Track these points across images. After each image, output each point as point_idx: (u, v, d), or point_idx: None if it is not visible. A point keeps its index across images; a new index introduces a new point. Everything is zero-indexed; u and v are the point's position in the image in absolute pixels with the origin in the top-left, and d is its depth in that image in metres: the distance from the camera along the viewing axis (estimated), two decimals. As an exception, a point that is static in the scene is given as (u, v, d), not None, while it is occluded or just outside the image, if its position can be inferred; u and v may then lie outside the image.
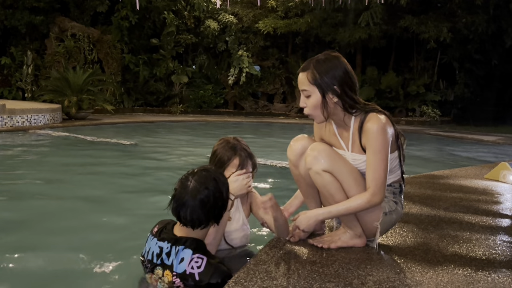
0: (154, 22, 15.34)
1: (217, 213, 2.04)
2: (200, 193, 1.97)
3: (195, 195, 1.96)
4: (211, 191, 1.98)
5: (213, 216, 2.02)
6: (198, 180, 2.00)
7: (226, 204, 2.09)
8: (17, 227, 3.15)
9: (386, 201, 2.24)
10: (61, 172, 5.40)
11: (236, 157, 2.43)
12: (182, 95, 15.48)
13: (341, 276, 1.88)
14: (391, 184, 2.28)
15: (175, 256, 1.99)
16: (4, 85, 13.58)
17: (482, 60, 14.89)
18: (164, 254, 2.03)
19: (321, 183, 2.17)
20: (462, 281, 1.91)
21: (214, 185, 2.00)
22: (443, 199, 3.55)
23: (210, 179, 2.01)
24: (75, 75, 11.46)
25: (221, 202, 2.04)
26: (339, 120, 2.24)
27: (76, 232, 3.07)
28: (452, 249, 2.32)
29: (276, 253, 2.14)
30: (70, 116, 11.10)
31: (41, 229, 3.14)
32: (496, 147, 10.04)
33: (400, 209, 2.31)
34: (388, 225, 2.29)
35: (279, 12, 15.22)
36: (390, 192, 2.28)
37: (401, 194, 2.33)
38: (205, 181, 2.00)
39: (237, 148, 2.45)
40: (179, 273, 1.96)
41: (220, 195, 2.02)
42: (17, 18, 13.25)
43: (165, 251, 2.03)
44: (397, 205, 2.29)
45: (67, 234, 3.02)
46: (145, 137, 9.03)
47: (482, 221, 2.93)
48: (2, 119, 8.87)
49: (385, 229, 2.30)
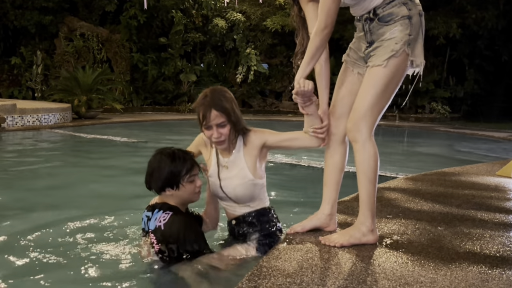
0: (162, 21, 15.38)
1: (166, 182, 2.39)
2: (151, 165, 2.43)
3: (149, 166, 2.44)
4: (156, 165, 2.40)
5: (166, 183, 2.40)
6: (153, 156, 2.45)
7: (176, 175, 2.39)
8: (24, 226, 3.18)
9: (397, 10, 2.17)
10: (72, 170, 5.44)
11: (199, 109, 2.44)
12: (191, 94, 15.50)
13: (354, 274, 1.88)
14: (390, 1, 2.18)
15: (154, 219, 2.41)
16: (14, 85, 13.70)
17: (492, 56, 14.76)
18: (148, 221, 2.45)
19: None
20: (476, 278, 1.90)
21: (160, 160, 2.40)
22: (455, 196, 3.53)
23: (162, 154, 2.42)
24: (84, 75, 11.53)
25: (167, 174, 2.38)
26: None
27: (87, 228, 3.09)
28: (465, 246, 2.30)
29: (289, 250, 2.14)
30: (80, 115, 11.18)
31: (51, 227, 3.16)
32: (507, 143, 9.95)
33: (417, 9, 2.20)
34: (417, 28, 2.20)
35: (287, 10, 15.17)
36: (399, 4, 2.18)
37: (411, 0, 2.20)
38: (156, 157, 2.44)
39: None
40: (152, 230, 2.39)
41: (158, 169, 2.39)
42: (26, 18, 13.36)
43: (149, 217, 2.46)
44: (413, 8, 2.19)
45: (77, 230, 3.04)
46: (154, 136, 9.07)
47: (495, 218, 2.90)
48: (13, 118, 8.95)
49: (417, 32, 2.20)
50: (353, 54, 2.43)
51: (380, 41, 2.22)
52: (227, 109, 2.40)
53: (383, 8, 2.20)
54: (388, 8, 2.18)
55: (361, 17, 2.32)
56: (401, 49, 2.17)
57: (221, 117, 2.39)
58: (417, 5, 2.22)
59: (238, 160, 2.50)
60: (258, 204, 2.57)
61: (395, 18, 2.17)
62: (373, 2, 2.23)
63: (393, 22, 2.18)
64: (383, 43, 2.21)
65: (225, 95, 2.44)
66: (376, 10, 2.22)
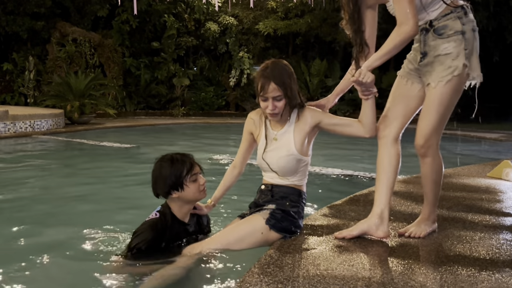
0: (155, 25, 15.39)
1: (171, 185, 2.49)
2: (154, 173, 2.55)
3: (152, 175, 2.57)
4: (158, 172, 2.52)
5: (171, 187, 2.49)
6: (154, 165, 2.57)
7: (178, 177, 2.48)
8: (18, 231, 3.17)
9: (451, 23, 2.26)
10: (64, 176, 5.43)
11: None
12: (184, 98, 15.51)
13: (345, 279, 1.90)
14: (451, 11, 2.27)
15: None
16: (7, 91, 13.64)
17: (483, 57, 14.85)
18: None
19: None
20: (466, 281, 1.92)
21: (161, 166, 2.52)
22: (446, 198, 3.55)
23: (162, 161, 2.53)
24: (77, 80, 11.51)
25: (169, 178, 2.48)
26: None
27: (78, 236, 3.08)
28: (455, 249, 2.33)
29: (280, 256, 2.16)
30: (72, 121, 11.15)
31: (43, 232, 3.16)
32: (499, 144, 10.03)
33: (470, 25, 2.28)
34: (472, 43, 2.28)
35: (279, 13, 15.25)
36: (454, 18, 2.27)
37: (466, 15, 2.29)
38: (157, 165, 2.55)
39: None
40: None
41: (160, 176, 2.51)
42: (18, 24, 13.32)
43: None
44: (467, 23, 2.27)
45: (70, 238, 3.03)
46: (147, 140, 9.06)
47: (485, 220, 2.93)
48: (5, 125, 8.91)
49: (472, 47, 2.29)
50: (409, 65, 2.52)
51: (435, 56, 2.32)
52: (286, 84, 2.44)
53: (438, 20, 2.30)
54: (443, 21, 2.29)
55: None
56: (460, 65, 2.26)
57: (278, 91, 2.43)
58: (471, 20, 2.31)
59: (287, 134, 2.55)
60: (296, 181, 2.58)
61: (448, 32, 2.27)
62: (430, 15, 2.32)
63: (446, 37, 2.28)
64: (439, 59, 2.30)
65: (286, 69, 2.49)
66: (432, 22, 2.32)
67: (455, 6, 2.29)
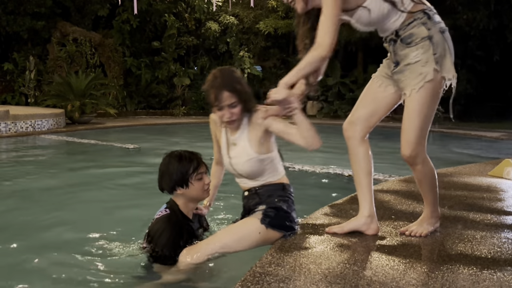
0: (155, 25, 15.39)
1: (176, 182, 2.53)
2: (161, 168, 2.58)
3: (160, 170, 2.59)
4: (165, 167, 2.55)
5: (176, 183, 2.53)
6: (163, 160, 2.60)
7: (184, 174, 2.52)
8: (19, 230, 3.18)
9: (417, 31, 2.23)
10: (65, 176, 5.43)
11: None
12: (184, 97, 15.52)
13: (346, 278, 1.90)
14: (414, 19, 2.25)
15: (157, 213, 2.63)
16: (7, 90, 13.65)
17: (484, 56, 14.86)
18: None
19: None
20: (467, 280, 1.92)
21: (169, 162, 2.55)
22: (447, 197, 3.55)
23: (170, 157, 2.57)
24: (77, 80, 11.51)
25: (176, 174, 2.52)
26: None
27: (79, 235, 3.09)
28: (457, 248, 2.33)
29: (281, 255, 2.16)
30: (73, 121, 11.16)
31: (43, 232, 3.16)
32: (500, 143, 10.02)
33: (437, 28, 2.26)
34: (442, 45, 2.25)
35: (280, 12, 15.24)
36: (418, 25, 2.24)
37: (430, 19, 2.26)
38: (165, 160, 2.58)
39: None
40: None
41: (167, 171, 2.54)
42: (18, 23, 13.32)
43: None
44: (433, 27, 2.24)
45: (71, 237, 3.04)
46: (148, 140, 9.06)
47: (486, 219, 2.93)
48: (6, 125, 8.92)
49: (442, 49, 2.25)
50: (383, 69, 2.51)
51: (405, 65, 2.29)
52: (238, 90, 2.45)
53: (403, 30, 2.28)
54: (409, 29, 2.27)
55: (385, 38, 2.41)
56: (430, 70, 2.23)
57: (232, 98, 2.43)
58: (437, 23, 2.28)
59: (243, 138, 2.54)
60: (268, 178, 2.57)
61: (415, 40, 2.25)
62: (393, 25, 2.30)
63: (414, 45, 2.25)
64: (409, 67, 2.28)
65: (235, 75, 2.51)
66: (398, 32, 2.30)
67: (414, 11, 2.26)
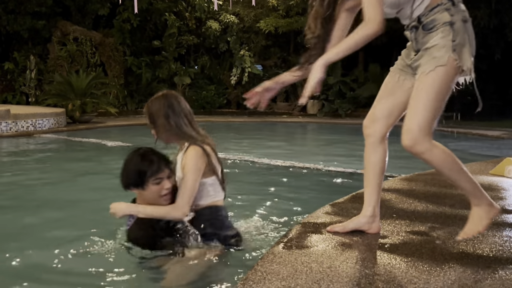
0: (156, 24, 15.38)
1: (131, 181, 2.51)
2: (124, 162, 2.56)
3: (123, 163, 2.57)
4: (127, 163, 2.53)
5: (131, 182, 2.51)
6: (129, 154, 2.58)
7: (141, 175, 2.48)
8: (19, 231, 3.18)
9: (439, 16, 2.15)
10: (66, 175, 5.43)
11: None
12: (185, 96, 15.49)
13: (348, 276, 1.89)
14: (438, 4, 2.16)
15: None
16: (8, 90, 13.65)
17: (485, 54, 14.82)
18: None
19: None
20: (469, 278, 1.91)
21: (131, 158, 2.53)
22: (449, 196, 3.55)
23: (135, 153, 2.54)
24: (78, 79, 11.51)
25: (133, 173, 2.49)
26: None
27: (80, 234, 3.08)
28: (458, 247, 2.32)
29: (283, 253, 2.15)
30: (74, 120, 11.16)
31: (45, 232, 3.16)
32: (501, 141, 10.01)
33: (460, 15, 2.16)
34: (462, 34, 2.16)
35: (280, 11, 15.23)
36: (442, 11, 2.15)
37: (454, 5, 2.16)
38: (130, 155, 2.57)
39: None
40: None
41: (126, 168, 2.53)
42: (19, 23, 13.32)
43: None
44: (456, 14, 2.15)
45: (71, 237, 3.04)
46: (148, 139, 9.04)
47: (488, 218, 2.92)
48: (7, 124, 8.92)
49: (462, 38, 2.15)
50: (401, 61, 2.44)
51: (424, 49, 2.22)
52: (152, 116, 2.66)
53: (426, 16, 2.20)
54: (431, 15, 2.18)
55: (407, 26, 2.33)
56: (446, 55, 2.14)
57: (148, 120, 2.69)
58: (461, 11, 2.18)
59: (178, 161, 2.66)
60: (200, 204, 2.63)
61: (437, 25, 2.16)
62: (416, 11, 2.24)
63: (435, 30, 2.17)
64: (426, 51, 2.20)
65: (159, 105, 2.66)
66: (420, 18, 2.22)
67: None
